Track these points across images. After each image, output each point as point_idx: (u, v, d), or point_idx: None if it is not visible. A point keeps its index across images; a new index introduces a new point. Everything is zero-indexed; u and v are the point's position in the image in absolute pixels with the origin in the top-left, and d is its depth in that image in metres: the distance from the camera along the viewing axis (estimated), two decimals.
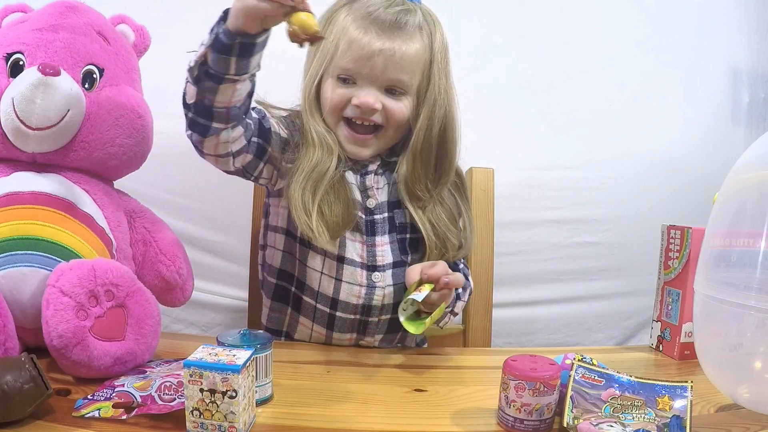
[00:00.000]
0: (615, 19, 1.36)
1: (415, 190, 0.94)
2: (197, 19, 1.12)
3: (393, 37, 0.87)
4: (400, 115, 0.91)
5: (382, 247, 0.95)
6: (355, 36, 0.87)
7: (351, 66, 0.88)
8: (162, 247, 0.91)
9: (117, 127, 0.85)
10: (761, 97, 1.44)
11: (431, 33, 0.91)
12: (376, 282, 0.93)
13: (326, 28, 0.90)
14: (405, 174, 0.94)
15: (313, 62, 0.93)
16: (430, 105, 0.91)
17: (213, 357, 0.60)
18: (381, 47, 0.86)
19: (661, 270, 1.00)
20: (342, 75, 0.89)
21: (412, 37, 0.88)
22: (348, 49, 0.87)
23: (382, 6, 0.87)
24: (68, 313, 0.69)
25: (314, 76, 0.92)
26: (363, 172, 0.96)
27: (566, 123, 1.36)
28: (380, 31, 0.86)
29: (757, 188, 0.73)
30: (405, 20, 0.88)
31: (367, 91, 0.89)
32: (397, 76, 0.89)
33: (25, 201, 0.78)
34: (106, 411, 0.63)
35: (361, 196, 0.95)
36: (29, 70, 0.77)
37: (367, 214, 0.95)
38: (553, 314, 1.40)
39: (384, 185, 0.97)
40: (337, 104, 0.91)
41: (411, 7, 0.90)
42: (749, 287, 0.69)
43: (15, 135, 0.78)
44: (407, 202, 0.95)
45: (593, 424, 0.62)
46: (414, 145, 0.93)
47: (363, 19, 0.87)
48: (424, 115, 0.91)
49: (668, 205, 1.37)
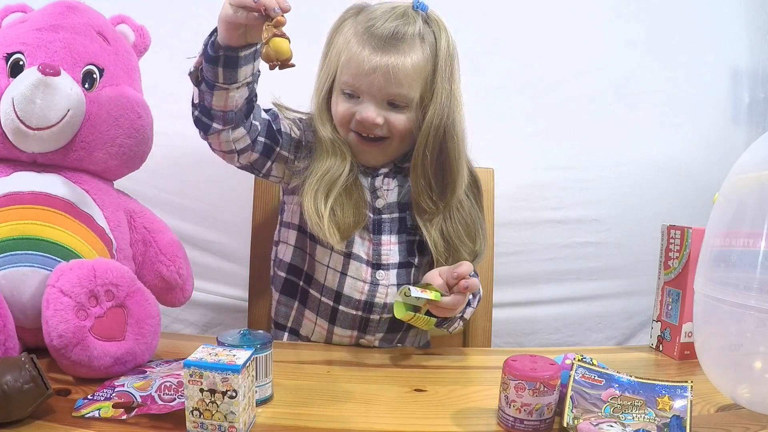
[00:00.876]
0: (615, 20, 1.36)
1: (420, 202, 0.94)
2: (197, 19, 1.12)
3: (390, 52, 0.86)
4: (403, 128, 0.91)
5: (388, 247, 0.96)
6: (354, 51, 0.87)
7: (352, 81, 0.89)
8: (162, 247, 0.91)
9: (117, 127, 0.85)
10: (761, 97, 1.44)
11: (435, 40, 0.90)
12: (380, 280, 0.95)
13: (335, 38, 0.91)
14: (411, 186, 0.95)
15: (320, 74, 0.95)
16: (432, 114, 0.89)
17: (213, 357, 0.60)
18: (378, 63, 0.86)
19: (661, 270, 1.00)
20: (346, 90, 0.90)
21: (411, 49, 0.87)
22: (347, 65, 0.88)
23: (382, 18, 0.87)
24: (68, 313, 0.69)
25: (321, 87, 0.94)
26: (374, 174, 0.97)
27: (566, 123, 1.36)
28: (377, 46, 0.86)
29: (757, 188, 0.73)
30: (403, 32, 0.87)
31: (368, 107, 0.89)
32: (396, 91, 0.88)
33: (25, 201, 0.78)
34: (106, 411, 0.63)
35: (370, 196, 0.96)
36: (29, 70, 0.77)
37: (375, 214, 0.96)
38: (553, 314, 1.40)
39: (395, 187, 0.98)
40: (342, 118, 0.92)
41: (411, 17, 0.88)
42: (749, 287, 0.69)
43: (15, 135, 0.78)
44: (415, 213, 0.95)
45: (593, 424, 0.62)
46: (414, 158, 0.92)
47: (363, 33, 0.88)
48: (425, 125, 0.90)
49: (668, 205, 1.37)
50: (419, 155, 0.91)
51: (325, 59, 0.94)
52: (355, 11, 0.92)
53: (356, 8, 0.93)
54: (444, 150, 0.91)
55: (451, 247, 0.94)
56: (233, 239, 1.28)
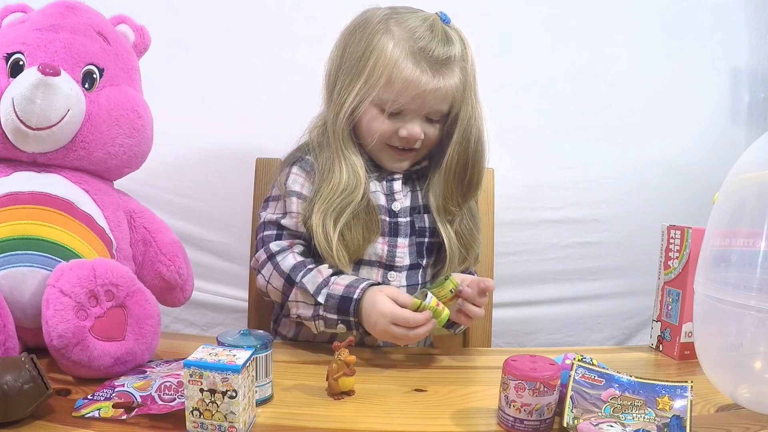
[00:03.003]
0: (613, 20, 1.36)
1: (448, 205, 0.97)
2: (197, 19, 1.13)
3: (443, 75, 0.88)
4: (436, 139, 0.95)
5: (403, 249, 0.97)
6: (410, 75, 0.87)
7: (403, 102, 0.89)
8: (162, 247, 0.91)
9: (117, 126, 0.85)
10: (761, 97, 1.44)
11: (467, 59, 0.92)
12: (392, 281, 0.96)
13: (367, 53, 0.89)
14: (437, 191, 0.96)
15: (351, 92, 0.90)
16: (464, 125, 0.92)
17: (213, 357, 0.60)
18: (436, 86, 0.88)
19: (661, 270, 1.00)
20: (393, 109, 0.90)
21: (454, 70, 0.90)
22: (400, 85, 0.87)
23: (427, 38, 0.87)
24: (68, 313, 0.69)
25: (351, 106, 0.91)
26: (389, 179, 0.98)
27: (566, 123, 1.36)
28: (434, 70, 0.88)
29: (757, 188, 0.73)
30: (453, 55, 0.89)
31: (414, 123, 0.91)
32: (439, 108, 0.92)
33: (25, 201, 0.78)
34: (106, 411, 0.63)
35: (386, 200, 0.97)
36: (29, 70, 0.77)
37: (392, 216, 0.97)
38: (553, 314, 1.40)
39: (408, 192, 1.00)
40: (384, 135, 0.92)
41: (452, 34, 0.90)
42: (749, 287, 0.69)
43: (15, 135, 0.78)
44: (436, 216, 0.97)
45: (593, 424, 0.62)
46: (448, 164, 0.94)
47: (415, 55, 0.87)
48: (458, 134, 0.93)
49: (668, 205, 1.37)
50: (453, 163, 0.94)
51: (356, 78, 0.90)
52: (383, 23, 0.90)
53: (382, 18, 0.90)
54: (473, 156, 0.95)
55: (464, 246, 0.98)
56: (233, 239, 1.28)
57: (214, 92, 1.26)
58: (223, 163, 1.26)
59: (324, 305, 0.87)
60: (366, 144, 0.94)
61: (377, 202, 0.95)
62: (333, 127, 0.93)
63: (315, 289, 0.87)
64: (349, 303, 0.85)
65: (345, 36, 0.93)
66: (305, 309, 0.89)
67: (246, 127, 1.28)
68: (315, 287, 0.88)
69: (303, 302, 0.89)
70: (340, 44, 0.93)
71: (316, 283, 0.88)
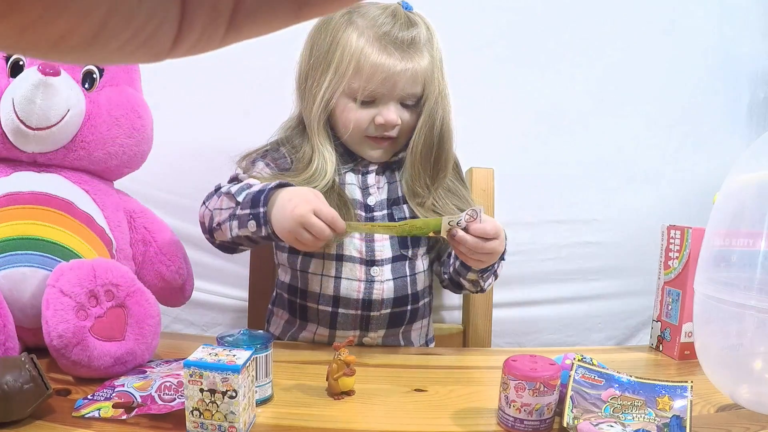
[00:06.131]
0: (612, 20, 1.36)
1: (415, 187, 0.96)
2: None
3: (411, 56, 0.89)
4: (412, 123, 0.95)
5: (381, 242, 0.96)
6: (377, 60, 0.87)
7: (374, 88, 0.89)
8: (162, 247, 0.91)
9: (117, 126, 0.85)
10: (761, 97, 1.44)
11: (433, 42, 0.93)
12: (375, 276, 0.95)
13: (333, 46, 0.89)
14: (406, 173, 0.96)
15: (321, 86, 0.91)
16: (430, 107, 0.92)
17: (213, 357, 0.60)
18: (404, 68, 0.88)
19: (661, 270, 1.00)
20: (364, 97, 0.90)
21: (423, 52, 0.90)
22: (368, 72, 0.88)
23: (389, 23, 0.88)
24: (68, 313, 0.69)
25: (323, 99, 0.91)
26: (364, 171, 0.98)
27: (566, 123, 1.36)
28: (401, 52, 0.88)
29: (756, 188, 0.73)
30: (418, 37, 0.90)
31: (389, 109, 0.91)
32: (412, 91, 0.92)
33: (25, 201, 0.78)
34: (106, 411, 0.63)
35: (361, 194, 0.97)
36: (29, 70, 0.77)
37: (367, 211, 0.97)
38: (553, 314, 1.40)
39: (384, 184, 0.99)
40: (359, 124, 0.92)
41: (416, 19, 0.91)
42: (749, 287, 0.69)
43: (15, 135, 0.78)
44: (409, 199, 0.97)
45: (593, 424, 0.62)
46: (414, 146, 0.94)
47: (380, 40, 0.88)
48: (424, 116, 0.93)
49: (668, 205, 1.37)
50: (419, 144, 0.94)
51: (325, 71, 0.90)
52: (346, 16, 0.90)
53: (344, 13, 0.90)
54: (439, 138, 0.95)
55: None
56: None
57: (215, 92, 1.26)
58: (223, 164, 1.26)
59: (241, 203, 0.83)
60: (343, 137, 0.94)
61: (352, 196, 0.95)
62: (308, 123, 0.94)
63: (237, 189, 0.85)
64: (261, 194, 0.80)
65: (311, 35, 0.94)
66: (225, 214, 0.86)
67: (246, 127, 1.28)
68: (238, 188, 0.85)
69: (226, 209, 0.86)
70: (307, 43, 0.94)
71: (242, 187, 0.85)
